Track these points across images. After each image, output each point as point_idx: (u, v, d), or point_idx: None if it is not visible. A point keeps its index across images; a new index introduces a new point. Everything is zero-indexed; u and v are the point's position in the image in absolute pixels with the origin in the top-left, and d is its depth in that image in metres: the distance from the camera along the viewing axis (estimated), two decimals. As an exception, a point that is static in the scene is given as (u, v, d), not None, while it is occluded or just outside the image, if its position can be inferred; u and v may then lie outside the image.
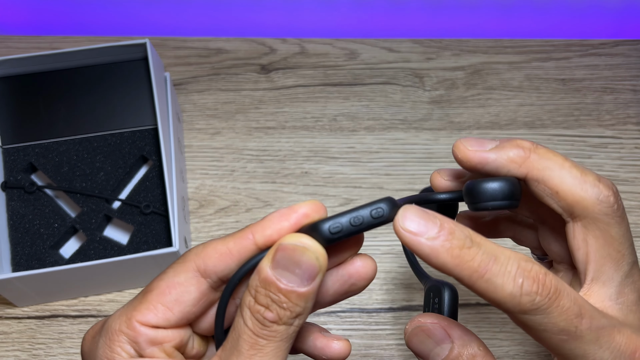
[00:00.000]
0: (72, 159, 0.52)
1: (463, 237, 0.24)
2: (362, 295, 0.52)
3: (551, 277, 0.24)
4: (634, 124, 0.60)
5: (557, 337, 0.24)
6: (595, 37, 0.66)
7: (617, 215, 0.28)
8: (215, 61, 0.63)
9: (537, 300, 0.24)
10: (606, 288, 0.27)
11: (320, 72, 0.63)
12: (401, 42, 0.65)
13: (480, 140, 0.28)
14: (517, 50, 0.64)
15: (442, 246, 0.23)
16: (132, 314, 0.27)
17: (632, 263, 0.28)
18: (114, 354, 0.26)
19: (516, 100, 0.61)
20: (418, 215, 0.24)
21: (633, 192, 0.57)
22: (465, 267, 0.24)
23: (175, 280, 0.27)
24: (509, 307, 0.24)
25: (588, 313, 0.25)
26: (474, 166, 0.28)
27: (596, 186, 0.27)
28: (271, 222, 0.26)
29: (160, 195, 0.52)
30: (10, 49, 0.63)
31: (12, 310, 0.51)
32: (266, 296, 0.24)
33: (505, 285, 0.23)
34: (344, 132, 0.59)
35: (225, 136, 0.59)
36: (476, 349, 0.27)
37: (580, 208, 0.27)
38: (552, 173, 0.27)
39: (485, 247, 0.24)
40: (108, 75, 0.54)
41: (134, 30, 0.67)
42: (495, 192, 0.27)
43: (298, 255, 0.24)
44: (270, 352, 0.25)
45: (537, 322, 0.24)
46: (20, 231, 0.50)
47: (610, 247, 0.28)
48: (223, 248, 0.26)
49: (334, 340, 0.30)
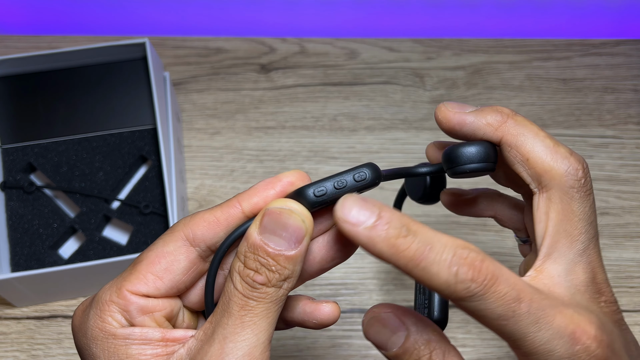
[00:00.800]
0: (71, 159, 0.52)
1: (399, 225, 0.24)
2: (362, 295, 0.52)
3: (488, 264, 0.24)
4: (635, 124, 0.60)
5: (496, 322, 0.24)
6: (597, 36, 0.65)
7: (583, 190, 0.27)
8: (214, 61, 0.63)
9: (472, 287, 0.24)
10: (557, 264, 0.27)
11: (320, 72, 0.62)
12: (401, 41, 0.64)
13: (461, 104, 0.29)
14: (518, 49, 0.64)
15: (379, 235, 0.23)
16: (122, 284, 0.27)
17: (588, 241, 0.27)
18: (104, 323, 0.27)
19: (517, 100, 0.61)
20: (357, 204, 0.24)
21: (634, 192, 0.57)
22: (401, 256, 0.24)
23: (164, 249, 0.27)
24: (445, 295, 0.24)
25: (527, 296, 0.24)
26: (453, 127, 0.29)
27: (566, 158, 0.27)
28: (257, 190, 0.27)
29: (159, 195, 0.51)
30: (9, 49, 0.63)
31: (11, 311, 0.51)
32: (255, 260, 0.25)
33: (441, 273, 0.23)
34: (344, 132, 0.59)
35: (225, 136, 0.59)
36: (431, 334, 0.27)
37: (547, 177, 0.28)
38: (526, 140, 0.28)
39: (421, 235, 0.24)
40: (107, 75, 0.54)
41: (133, 30, 0.67)
42: (472, 155, 0.27)
43: (284, 219, 0.25)
44: (261, 313, 0.25)
45: (476, 308, 0.24)
46: (19, 231, 0.50)
47: (568, 222, 0.27)
48: (211, 217, 0.27)
49: (323, 303, 0.30)
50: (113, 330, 0.27)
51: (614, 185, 0.57)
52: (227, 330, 0.25)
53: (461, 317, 0.51)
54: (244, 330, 0.25)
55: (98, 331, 0.27)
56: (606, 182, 0.57)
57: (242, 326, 0.25)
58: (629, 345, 0.28)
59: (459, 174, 0.28)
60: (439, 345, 0.27)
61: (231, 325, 0.25)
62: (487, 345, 0.50)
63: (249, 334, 0.25)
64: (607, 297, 0.28)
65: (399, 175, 0.29)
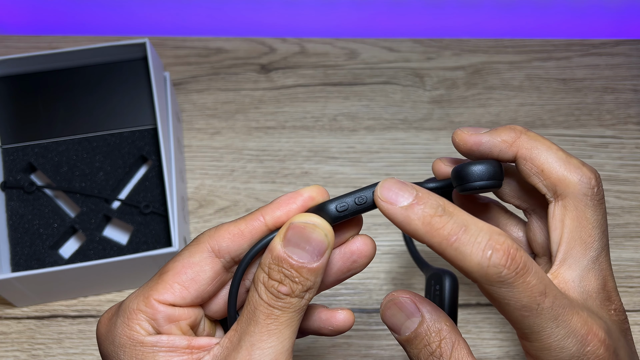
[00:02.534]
0: (71, 158, 0.52)
1: (436, 205, 0.25)
2: (362, 295, 0.52)
3: (522, 253, 0.25)
4: (634, 124, 0.60)
5: (519, 312, 0.25)
6: (596, 36, 0.65)
7: (596, 199, 0.29)
8: (214, 61, 0.63)
9: (503, 272, 0.24)
10: (571, 270, 0.28)
11: (320, 72, 0.62)
12: (401, 41, 0.64)
13: (476, 127, 0.31)
14: (518, 49, 0.64)
15: (415, 213, 0.25)
16: (150, 293, 0.28)
17: (600, 249, 0.29)
18: (132, 331, 0.27)
19: (517, 100, 0.61)
20: (395, 185, 0.26)
21: (633, 192, 0.57)
22: (435, 234, 0.25)
23: (190, 260, 0.28)
24: (475, 277, 0.25)
25: (552, 292, 0.25)
26: (470, 147, 0.30)
27: (579, 168, 0.29)
28: (280, 204, 0.29)
29: (159, 195, 0.51)
30: (10, 49, 0.63)
31: (12, 311, 0.51)
32: (279, 272, 0.26)
33: (474, 255, 0.24)
34: (344, 132, 0.59)
35: (225, 136, 0.59)
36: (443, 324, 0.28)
37: (562, 186, 0.29)
38: (540, 152, 0.29)
39: (457, 217, 0.25)
40: (107, 75, 0.54)
41: (133, 30, 0.67)
42: (481, 173, 0.29)
43: (308, 233, 0.26)
44: (285, 322, 0.27)
45: (502, 295, 0.25)
46: (19, 231, 0.50)
47: (583, 229, 0.29)
48: (235, 230, 0.29)
49: (338, 310, 0.31)
50: (141, 338, 0.27)
51: (613, 185, 0.57)
52: (254, 338, 0.26)
53: (461, 317, 0.51)
54: (270, 337, 0.26)
55: (126, 339, 0.27)
56: (606, 182, 0.57)
57: (268, 334, 0.26)
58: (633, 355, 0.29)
59: (468, 191, 0.30)
60: (449, 336, 0.28)
61: (258, 333, 0.26)
62: (488, 345, 0.50)
63: (275, 341, 0.26)
64: (616, 305, 0.29)
65: None
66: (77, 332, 0.50)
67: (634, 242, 0.54)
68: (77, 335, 0.50)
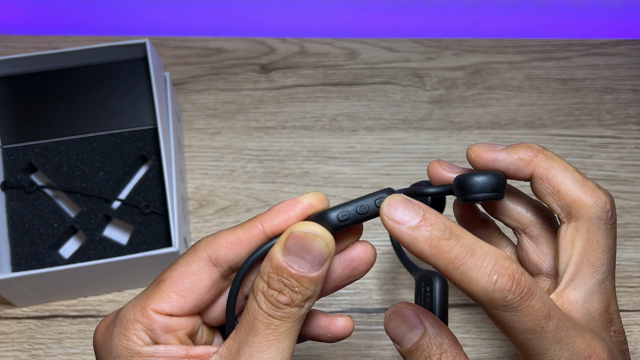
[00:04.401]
0: (71, 158, 0.52)
1: (443, 228, 0.25)
2: (362, 295, 0.52)
3: (527, 277, 0.25)
4: (634, 124, 0.60)
5: (523, 335, 0.26)
6: (596, 36, 0.65)
7: (609, 223, 0.29)
8: (215, 61, 0.63)
9: (509, 297, 0.25)
10: (576, 292, 0.29)
11: (320, 72, 0.63)
12: (401, 41, 0.65)
13: (492, 144, 0.31)
14: (518, 50, 0.64)
15: (422, 235, 0.25)
16: (147, 303, 0.28)
17: (607, 273, 0.29)
18: (129, 342, 0.27)
19: (516, 100, 0.61)
20: (403, 204, 0.25)
21: (633, 192, 0.57)
22: (442, 257, 0.25)
23: (187, 269, 0.28)
24: (481, 300, 0.25)
25: (556, 315, 0.26)
26: (486, 164, 0.30)
27: (595, 191, 0.29)
28: (278, 212, 0.28)
29: (159, 195, 0.51)
30: (10, 49, 0.63)
31: (12, 311, 0.51)
32: (279, 281, 0.26)
33: (480, 279, 0.25)
34: (344, 132, 0.59)
35: (225, 136, 0.59)
36: (445, 338, 0.28)
37: (577, 208, 0.29)
38: (556, 173, 0.29)
39: (464, 240, 0.25)
40: (108, 75, 0.54)
41: (133, 30, 0.67)
42: (484, 185, 0.29)
43: (309, 242, 0.26)
44: (285, 332, 0.26)
45: (507, 319, 0.25)
46: (19, 231, 0.50)
47: (592, 252, 0.29)
48: (233, 238, 0.28)
49: (338, 317, 0.31)
50: (138, 348, 0.27)
51: (613, 185, 0.57)
52: (253, 348, 0.26)
53: (460, 317, 0.51)
54: (270, 348, 0.26)
55: (123, 349, 0.27)
56: (605, 182, 0.57)
57: (267, 344, 0.26)
58: None
59: (470, 201, 0.30)
60: (450, 350, 0.28)
61: (257, 343, 0.26)
62: (487, 345, 0.50)
63: (274, 351, 0.26)
64: (616, 327, 0.29)
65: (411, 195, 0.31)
66: (77, 332, 0.50)
67: (634, 242, 0.54)
68: (77, 335, 0.50)
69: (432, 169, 0.32)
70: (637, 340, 0.50)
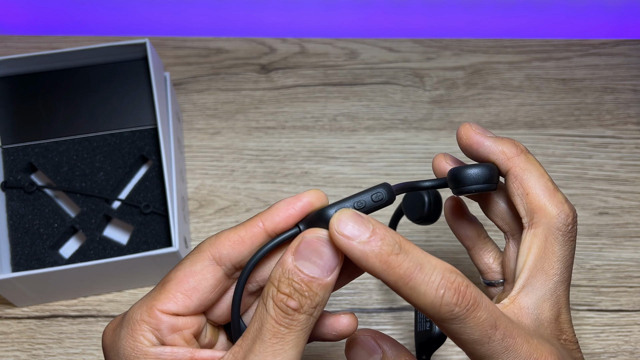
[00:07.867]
0: (71, 159, 0.52)
1: (392, 242, 0.25)
2: (362, 295, 0.52)
3: (472, 290, 0.26)
4: (634, 124, 0.60)
5: (472, 345, 0.26)
6: (596, 37, 0.65)
7: (568, 236, 0.30)
8: (215, 61, 0.63)
9: (455, 310, 0.25)
10: (528, 298, 0.29)
11: (320, 72, 0.63)
12: (401, 41, 0.65)
13: (484, 129, 0.32)
14: (518, 50, 0.64)
15: (372, 251, 0.25)
16: (153, 304, 0.28)
17: (560, 283, 0.30)
18: (137, 342, 0.28)
19: (516, 100, 0.61)
20: (352, 219, 0.25)
21: (633, 192, 0.57)
22: (391, 273, 0.25)
23: (192, 269, 0.29)
24: (430, 314, 0.26)
25: (503, 324, 0.26)
26: (470, 145, 0.31)
27: (562, 203, 0.30)
28: (279, 210, 0.28)
29: (160, 195, 0.51)
30: (10, 49, 0.63)
31: (12, 311, 0.51)
32: (289, 285, 0.26)
33: (427, 294, 0.25)
34: (344, 132, 0.59)
35: (225, 136, 0.59)
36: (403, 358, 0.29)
37: (540, 215, 0.30)
38: (531, 176, 0.30)
39: (412, 255, 0.25)
40: (108, 75, 0.54)
41: (133, 30, 0.67)
42: (477, 177, 0.30)
43: (320, 247, 0.26)
44: (291, 342, 0.26)
45: (455, 330, 0.26)
46: (19, 231, 0.50)
47: (547, 261, 0.29)
48: (235, 237, 0.28)
49: (342, 315, 0.31)
50: (145, 349, 0.27)
51: (613, 185, 0.57)
52: (259, 357, 0.26)
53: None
54: (275, 358, 0.26)
55: (130, 350, 0.28)
56: (605, 182, 0.57)
57: (273, 355, 0.26)
58: None
59: (463, 193, 0.30)
60: None
61: (263, 353, 0.26)
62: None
63: None
64: (567, 337, 0.30)
65: (407, 189, 0.31)
66: (78, 332, 0.50)
67: (634, 242, 0.54)
68: (78, 335, 0.50)
69: (436, 163, 0.33)
70: (637, 340, 0.50)
